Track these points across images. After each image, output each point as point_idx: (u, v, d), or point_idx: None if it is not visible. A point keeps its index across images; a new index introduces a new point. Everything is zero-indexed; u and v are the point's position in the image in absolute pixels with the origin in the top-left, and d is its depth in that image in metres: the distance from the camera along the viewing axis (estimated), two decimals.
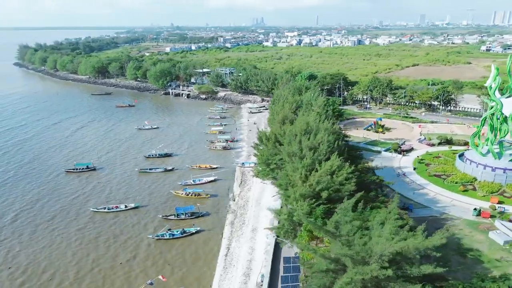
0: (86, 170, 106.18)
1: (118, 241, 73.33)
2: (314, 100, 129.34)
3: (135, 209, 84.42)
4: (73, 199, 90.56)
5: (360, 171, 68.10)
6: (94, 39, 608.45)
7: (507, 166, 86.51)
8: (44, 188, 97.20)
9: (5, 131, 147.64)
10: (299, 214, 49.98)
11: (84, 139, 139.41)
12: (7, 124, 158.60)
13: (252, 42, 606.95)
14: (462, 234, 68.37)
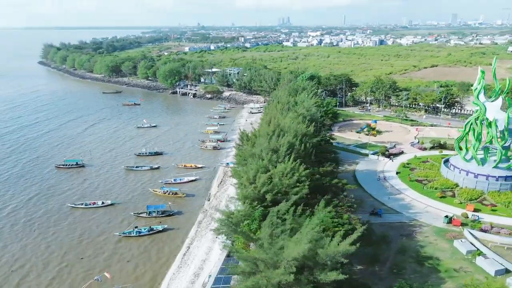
0: (75, 166, 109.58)
1: (89, 236, 75.43)
2: (307, 101, 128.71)
3: (111, 206, 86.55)
4: (55, 194, 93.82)
5: (322, 174, 67.31)
6: (118, 39, 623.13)
7: (490, 173, 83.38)
8: (31, 182, 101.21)
9: (20, 128, 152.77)
10: (237, 215, 50.27)
11: (84, 135, 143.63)
12: (25, 121, 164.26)
13: (272, 42, 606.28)
14: (427, 242, 66.56)
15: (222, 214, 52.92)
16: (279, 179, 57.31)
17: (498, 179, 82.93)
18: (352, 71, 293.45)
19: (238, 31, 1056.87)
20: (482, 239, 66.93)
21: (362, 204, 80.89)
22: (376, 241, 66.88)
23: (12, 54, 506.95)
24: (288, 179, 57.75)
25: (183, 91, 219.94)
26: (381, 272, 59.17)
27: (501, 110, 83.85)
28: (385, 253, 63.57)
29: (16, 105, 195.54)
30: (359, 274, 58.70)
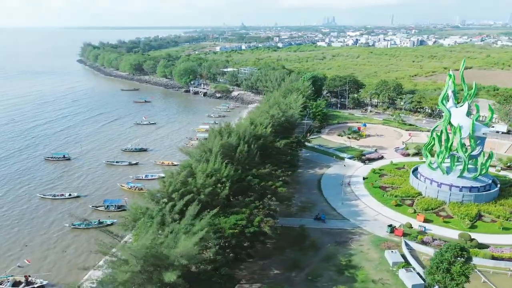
0: (61, 159, 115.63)
1: (42, 226, 79.10)
2: (294, 102, 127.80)
3: (77, 198, 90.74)
4: (32, 183, 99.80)
5: (255, 176, 66.92)
6: (155, 38, 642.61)
7: (453, 183, 78.93)
8: (17, 170, 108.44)
9: (43, 124, 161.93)
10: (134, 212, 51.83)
11: (85, 130, 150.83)
12: (47, 116, 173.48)
13: (306, 42, 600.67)
14: (358, 251, 64.48)
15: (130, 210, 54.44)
16: (195, 179, 57.90)
17: (462, 189, 78.25)
18: (376, 73, 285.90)
19: (279, 31, 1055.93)
20: (419, 251, 63.95)
21: (312, 208, 79.78)
22: (306, 246, 65.88)
23: (58, 53, 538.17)
24: (207, 179, 58.18)
25: (195, 90, 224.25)
26: (296, 278, 58.19)
27: (466, 117, 79.02)
28: (310, 259, 62.40)
29: (45, 102, 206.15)
30: (272, 279, 58.25)
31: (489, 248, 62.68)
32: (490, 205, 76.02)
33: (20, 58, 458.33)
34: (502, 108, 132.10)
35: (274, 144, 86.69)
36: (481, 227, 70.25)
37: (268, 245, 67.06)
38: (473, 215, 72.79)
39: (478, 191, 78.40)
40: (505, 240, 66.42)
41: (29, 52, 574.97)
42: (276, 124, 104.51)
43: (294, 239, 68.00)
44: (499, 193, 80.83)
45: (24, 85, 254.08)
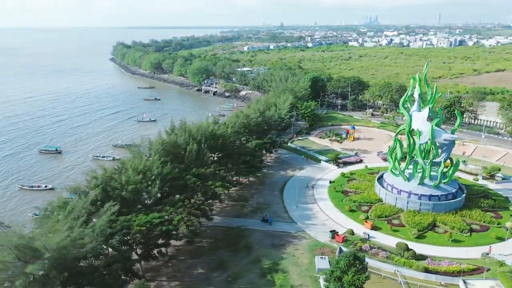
0: (53, 152, 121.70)
1: (6, 214, 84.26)
2: (282, 103, 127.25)
3: (52, 190, 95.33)
4: (17, 173, 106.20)
5: (195, 175, 67.60)
6: (188, 38, 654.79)
7: (412, 190, 75.71)
8: (10, 161, 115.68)
9: (64, 120, 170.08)
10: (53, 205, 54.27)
11: (88, 126, 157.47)
12: (73, 112, 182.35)
13: (337, 42, 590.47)
14: (291, 255, 63.60)
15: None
16: (120, 175, 59.52)
17: (421, 197, 74.84)
18: (398, 74, 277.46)
19: (316, 31, 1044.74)
20: None
21: (266, 210, 79.23)
22: (240, 247, 65.85)
23: (95, 51, 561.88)
24: (133, 176, 59.68)
25: (206, 88, 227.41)
26: (216, 278, 58.41)
27: (427, 121, 75.42)
28: (238, 260, 62.33)
29: (68, 100, 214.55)
30: (193, 278, 58.76)
31: (426, 260, 59.68)
32: (449, 216, 72.17)
33: (59, 57, 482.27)
34: (505, 113, 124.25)
35: (235, 144, 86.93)
36: (430, 238, 67.00)
37: (205, 244, 67.86)
38: (426, 225, 69.50)
39: (438, 200, 74.71)
40: (450, 252, 63.00)
41: (69, 51, 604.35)
42: (253, 124, 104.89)
43: (232, 240, 68.09)
44: (465, 203, 76.58)
45: (54, 83, 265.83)
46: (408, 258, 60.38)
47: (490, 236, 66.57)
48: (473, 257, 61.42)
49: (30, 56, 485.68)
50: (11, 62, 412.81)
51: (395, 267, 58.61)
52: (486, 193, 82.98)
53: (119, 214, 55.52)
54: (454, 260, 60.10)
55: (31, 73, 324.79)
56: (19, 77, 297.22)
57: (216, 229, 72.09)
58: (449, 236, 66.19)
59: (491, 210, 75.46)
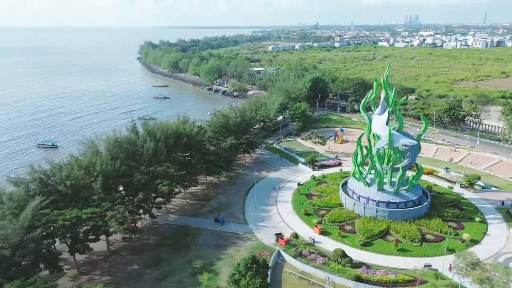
0: (50, 146, 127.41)
1: None
2: (271, 103, 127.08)
3: None
4: (12, 165, 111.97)
5: (145, 173, 68.91)
6: (216, 37, 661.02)
7: (371, 196, 73.52)
8: (9, 153, 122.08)
9: (79, 117, 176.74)
10: None
11: (92, 123, 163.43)
12: (89, 111, 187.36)
13: (367, 42, 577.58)
14: (229, 256, 63.59)
15: None
16: (61, 170, 61.75)
17: (379, 204, 72.51)
18: (418, 76, 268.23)
19: (350, 30, 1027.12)
20: (287, 263, 61.16)
21: (225, 210, 79.48)
22: (181, 246, 66.51)
23: (127, 51, 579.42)
24: (73, 171, 61.85)
25: (216, 88, 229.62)
26: (147, 275, 59.34)
27: (387, 126, 72.80)
28: (175, 259, 62.99)
29: (88, 98, 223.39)
30: (126, 274, 59.94)
31: (361, 269, 57.86)
32: (404, 224, 69.47)
33: (94, 56, 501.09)
34: (506, 119, 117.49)
35: (201, 144, 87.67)
36: (376, 246, 64.84)
37: (151, 241, 69.06)
38: (377, 232, 67.33)
39: (396, 207, 72.10)
40: (393, 262, 60.75)
41: (105, 50, 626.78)
42: (232, 124, 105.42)
43: (178, 238, 68.85)
44: (427, 211, 73.45)
45: (80, 81, 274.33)
46: (344, 265, 58.80)
47: (441, 247, 63.47)
48: (414, 268, 58.79)
49: (69, 55, 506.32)
50: (53, 60, 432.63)
51: (327, 274, 57.21)
52: (457, 202, 79.13)
53: (56, 208, 57.84)
54: (393, 270, 57.91)
55: (63, 71, 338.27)
56: (53, 75, 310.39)
57: (168, 227, 73.18)
58: (395, 245, 63.80)
59: (454, 220, 71.94)
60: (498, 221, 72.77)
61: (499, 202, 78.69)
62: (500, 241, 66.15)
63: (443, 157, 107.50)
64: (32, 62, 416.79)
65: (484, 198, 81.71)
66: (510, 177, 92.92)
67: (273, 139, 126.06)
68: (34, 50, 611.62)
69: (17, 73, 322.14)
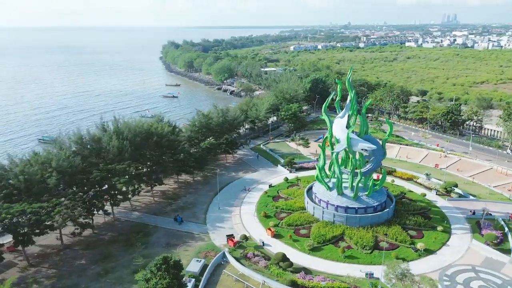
0: (49, 141, 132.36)
1: None
2: (261, 104, 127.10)
3: None
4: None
5: (102, 170, 70.71)
6: (241, 38, 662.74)
7: (330, 200, 72.19)
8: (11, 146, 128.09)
9: (93, 115, 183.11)
10: None
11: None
12: (100, 109, 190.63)
13: (393, 42, 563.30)
14: (176, 254, 63.34)
15: None
16: (17, 165, 64.43)
17: (337, 209, 71.06)
18: (437, 78, 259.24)
19: (382, 30, 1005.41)
20: (230, 265, 61.01)
21: (190, 209, 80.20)
22: (131, 244, 67.68)
23: (153, 51, 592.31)
24: (27, 166, 64.37)
25: (225, 88, 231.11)
26: (91, 270, 60.70)
27: (346, 129, 70.95)
28: (122, 256, 64.22)
29: (105, 96, 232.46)
30: (72, 268, 61.62)
31: (299, 274, 56.97)
32: (360, 230, 67.73)
33: (120, 56, 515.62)
34: (505, 125, 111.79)
35: (173, 143, 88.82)
36: (326, 251, 63.55)
37: (106, 237, 70.71)
38: (329, 237, 66.04)
39: (355, 213, 70.40)
40: (337, 268, 59.38)
41: (132, 50, 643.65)
42: (214, 124, 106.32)
43: (134, 235, 70.10)
44: (388, 217, 71.23)
45: (101, 80, 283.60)
46: (285, 269, 58.09)
47: (391, 256, 61.47)
48: (356, 276, 57.22)
49: (99, 54, 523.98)
50: (82, 59, 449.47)
51: (264, 277, 56.70)
52: (425, 210, 76.25)
53: (10, 202, 60.39)
54: (332, 277, 56.71)
55: (88, 70, 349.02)
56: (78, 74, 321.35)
57: (127, 224, 74.60)
58: (342, 251, 62.32)
59: (415, 228, 69.40)
60: (463, 231, 69.56)
61: (470, 211, 75.14)
62: (457, 252, 63.25)
63: (430, 163, 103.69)
64: (62, 61, 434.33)
65: (457, 207, 78.29)
66: (494, 185, 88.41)
67: (263, 140, 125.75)
68: (67, 49, 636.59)
69: (44, 71, 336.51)
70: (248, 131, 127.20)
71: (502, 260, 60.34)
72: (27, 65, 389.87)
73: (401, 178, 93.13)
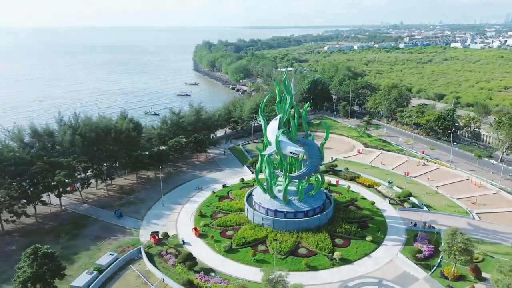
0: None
1: None
2: (245, 104, 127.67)
3: None
4: None
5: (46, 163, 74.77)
6: (278, 38, 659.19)
7: (262, 203, 71.55)
8: None
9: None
10: None
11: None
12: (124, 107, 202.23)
13: (438, 42, 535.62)
14: (96, 248, 66.50)
15: None
16: None
17: (268, 212, 70.17)
18: (467, 81, 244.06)
19: (436, 30, 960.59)
20: (141, 261, 62.31)
21: (137, 205, 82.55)
22: (60, 234, 70.66)
23: (189, 50, 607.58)
24: None
25: (239, 87, 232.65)
26: (16, 257, 63.93)
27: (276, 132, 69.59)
28: (47, 245, 66.36)
29: (131, 96, 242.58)
30: (4, 253, 65.86)
31: (198, 274, 57.07)
32: (284, 235, 66.40)
33: (159, 54, 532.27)
34: (495, 132, 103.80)
35: (132, 139, 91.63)
36: (240, 254, 63.04)
37: (45, 226, 74.65)
38: (249, 240, 65.42)
39: (284, 217, 69.09)
40: (242, 271, 58.86)
41: (173, 49, 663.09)
42: (187, 123, 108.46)
43: (70, 226, 73.28)
44: (319, 223, 69.07)
45: (131, 79, 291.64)
46: (189, 268, 58.49)
47: (302, 263, 59.83)
48: (256, 280, 56.34)
49: (139, 54, 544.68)
50: (121, 58, 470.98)
51: (163, 275, 57.51)
52: (366, 218, 73.10)
53: None
54: (233, 279, 56.36)
55: (121, 69, 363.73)
56: (110, 72, 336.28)
57: (71, 215, 78.06)
58: (252, 254, 61.53)
59: (344, 237, 66.85)
60: (395, 243, 65.98)
61: (411, 223, 70.99)
62: (375, 264, 60.25)
63: (403, 171, 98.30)
64: (102, 59, 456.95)
65: (403, 217, 74.21)
66: (459, 197, 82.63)
67: (245, 140, 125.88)
68: (112, 48, 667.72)
69: (81, 70, 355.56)
70: (232, 131, 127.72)
71: (417, 276, 56.71)
72: (79, 63, 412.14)
73: (363, 185, 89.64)
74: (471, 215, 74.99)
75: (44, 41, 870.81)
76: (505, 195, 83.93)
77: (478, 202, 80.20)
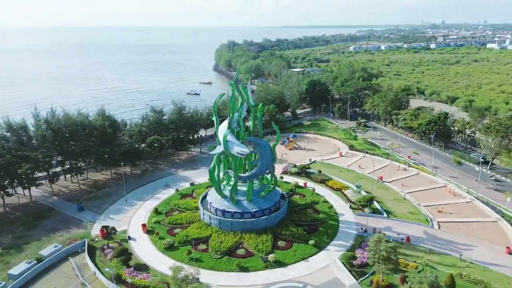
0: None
1: None
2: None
3: None
4: None
5: (15, 156, 78.51)
6: (306, 37, 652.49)
7: (212, 202, 71.84)
8: None
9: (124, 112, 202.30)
10: None
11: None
12: (134, 107, 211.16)
13: (473, 43, 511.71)
14: (47, 240, 69.00)
15: None
16: None
17: (216, 211, 70.36)
18: (487, 85, 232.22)
19: (479, 30, 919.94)
20: (83, 254, 64.23)
21: (102, 199, 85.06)
22: (22, 224, 74.04)
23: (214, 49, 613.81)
24: None
25: (250, 87, 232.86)
26: None
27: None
28: (7, 234, 70.88)
29: (148, 95, 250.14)
30: None
31: (127, 269, 58.15)
32: (227, 235, 66.38)
33: (185, 54, 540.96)
34: (484, 139, 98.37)
35: (107, 135, 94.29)
36: (178, 252, 63.55)
37: (12, 216, 78.31)
38: (190, 238, 65.82)
39: (231, 217, 68.98)
40: None
41: (199, 49, 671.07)
42: (169, 121, 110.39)
43: (33, 217, 76.64)
44: (267, 224, 68.35)
45: (150, 78, 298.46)
46: (123, 263, 59.70)
47: (234, 264, 59.57)
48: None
49: (165, 54, 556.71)
50: (146, 58, 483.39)
51: (95, 268, 59.02)
52: (318, 222, 71.59)
53: None
54: (162, 275, 57.04)
55: (143, 68, 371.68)
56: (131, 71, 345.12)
57: (38, 206, 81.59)
58: (187, 252, 61.91)
59: (288, 239, 65.85)
60: (338, 248, 64.22)
61: (361, 229, 68.79)
62: (309, 268, 58.97)
63: (380, 175, 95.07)
64: (128, 59, 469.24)
65: (359, 223, 71.99)
66: (426, 205, 79.09)
67: None
68: (142, 48, 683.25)
69: (104, 69, 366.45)
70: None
71: (345, 283, 54.99)
72: (109, 63, 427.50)
73: (331, 188, 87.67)
74: (431, 223, 71.63)
75: (68, 41, 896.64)
76: (479, 204, 79.44)
77: (445, 211, 76.46)
